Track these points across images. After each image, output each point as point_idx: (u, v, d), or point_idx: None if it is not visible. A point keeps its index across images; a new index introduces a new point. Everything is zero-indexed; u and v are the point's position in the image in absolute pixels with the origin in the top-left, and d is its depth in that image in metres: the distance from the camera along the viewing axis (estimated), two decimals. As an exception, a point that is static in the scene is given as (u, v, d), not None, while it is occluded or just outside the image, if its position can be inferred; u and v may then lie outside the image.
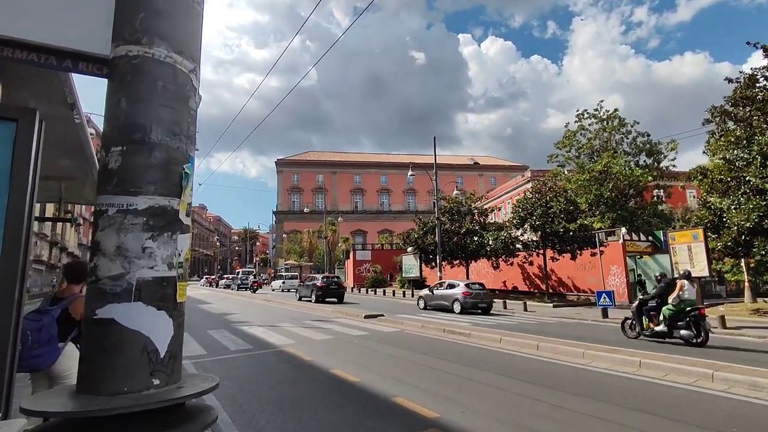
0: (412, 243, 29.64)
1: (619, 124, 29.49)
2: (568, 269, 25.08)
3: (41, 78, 3.79)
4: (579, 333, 11.82)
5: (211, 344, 10.33)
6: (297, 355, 8.76)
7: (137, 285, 1.40)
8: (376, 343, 10.20)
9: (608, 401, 5.55)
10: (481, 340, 10.29)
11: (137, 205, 1.44)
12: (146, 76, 1.52)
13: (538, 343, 9.18)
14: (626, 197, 28.82)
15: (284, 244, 69.56)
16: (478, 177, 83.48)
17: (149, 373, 1.37)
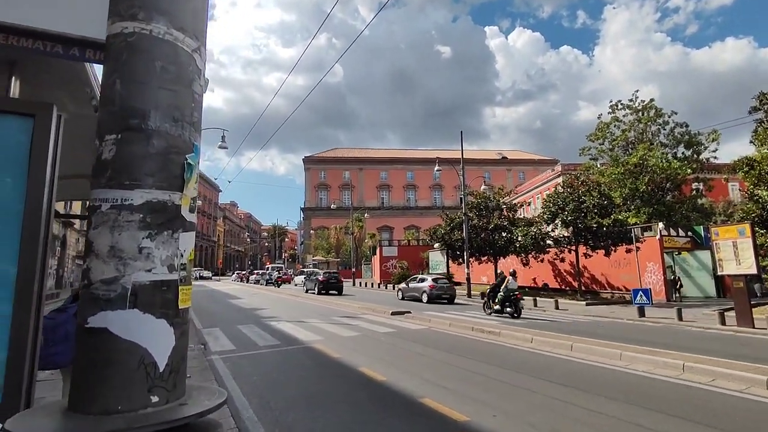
0: (439, 239, 29.26)
1: (656, 115, 28.20)
2: (601, 266, 24.18)
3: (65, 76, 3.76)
4: (614, 333, 11.29)
5: (240, 339, 10.39)
6: (324, 351, 8.69)
7: (133, 290, 1.24)
8: (404, 341, 10.02)
9: (649, 407, 5.18)
10: (512, 340, 9.96)
11: (133, 200, 1.28)
12: (143, 55, 1.35)
13: (572, 343, 8.78)
14: (663, 191, 27.58)
15: (312, 240, 70.26)
16: (507, 172, 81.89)
17: (147, 389, 1.22)
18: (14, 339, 2.35)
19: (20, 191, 2.44)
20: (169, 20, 1.39)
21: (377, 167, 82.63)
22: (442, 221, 30.20)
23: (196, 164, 1.41)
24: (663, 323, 13.13)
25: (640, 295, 15.45)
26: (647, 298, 15.35)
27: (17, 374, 2.33)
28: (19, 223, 2.40)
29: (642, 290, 15.76)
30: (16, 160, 2.47)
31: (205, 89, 1.49)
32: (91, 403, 1.20)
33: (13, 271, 2.39)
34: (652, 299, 16.09)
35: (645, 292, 15.58)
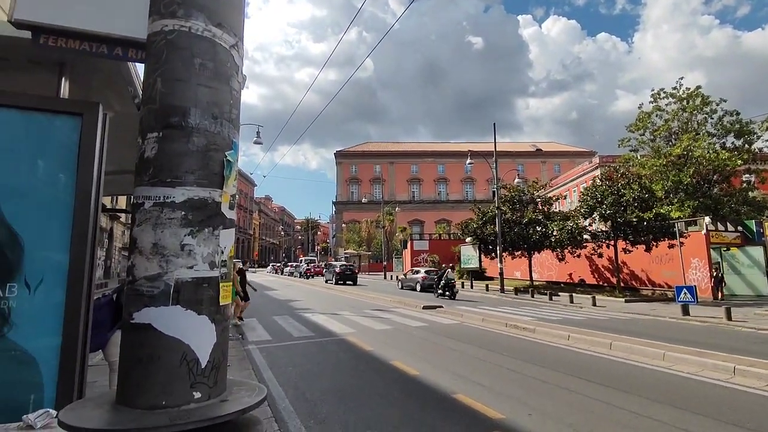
0: (471, 233, 28.84)
1: (702, 103, 26.59)
2: (641, 262, 23.20)
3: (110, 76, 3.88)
4: (655, 332, 10.82)
5: (276, 330, 10.62)
6: (357, 344, 8.75)
7: (176, 287, 1.25)
8: (436, 336, 9.97)
9: (696, 411, 4.92)
10: (547, 336, 9.72)
11: (174, 197, 1.29)
12: (183, 52, 1.35)
13: (611, 341, 8.47)
14: (710, 183, 26.11)
15: (343, 233, 70.89)
16: (541, 164, 79.78)
17: (189, 385, 1.23)
18: (67, 326, 2.47)
19: (71, 186, 2.55)
20: (207, 16, 1.38)
21: (408, 161, 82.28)
22: (474, 215, 29.75)
23: (235, 161, 1.41)
24: (709, 322, 12.48)
25: (684, 293, 14.71)
26: (692, 296, 14.60)
27: (71, 359, 2.45)
28: (70, 217, 2.51)
29: (686, 287, 15.00)
30: (67, 157, 2.58)
31: (243, 86, 1.49)
32: (137, 397, 1.22)
33: (66, 260, 2.51)
34: (698, 297, 15.29)
35: (690, 290, 14.83)
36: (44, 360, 2.38)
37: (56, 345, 2.39)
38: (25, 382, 2.31)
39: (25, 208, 2.42)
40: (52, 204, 2.51)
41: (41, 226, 2.45)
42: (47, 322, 2.40)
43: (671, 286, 18.60)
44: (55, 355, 2.38)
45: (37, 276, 2.42)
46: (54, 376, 2.35)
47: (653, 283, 23.18)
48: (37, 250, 2.43)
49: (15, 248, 2.38)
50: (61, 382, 2.32)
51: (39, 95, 2.51)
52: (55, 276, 2.46)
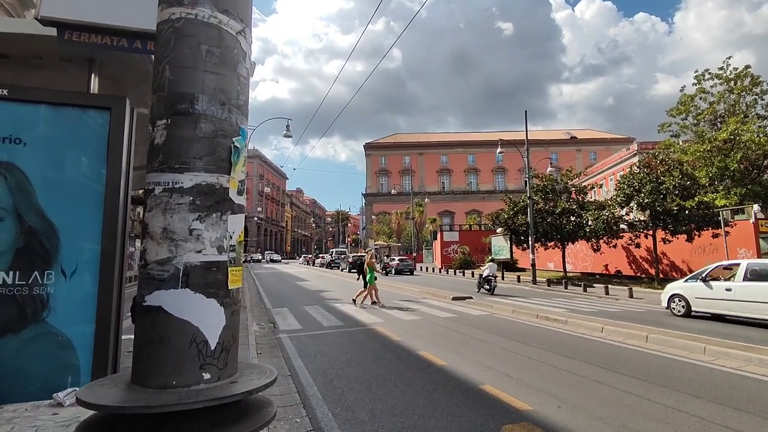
0: (502, 224, 28.34)
1: (752, 84, 24.95)
2: (682, 252, 22.16)
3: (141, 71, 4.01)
4: (695, 325, 10.35)
5: (306, 320, 10.83)
6: (385, 334, 8.81)
7: (185, 270, 1.28)
8: (465, 327, 9.89)
9: (739, 408, 4.68)
10: (579, 328, 9.47)
11: (183, 182, 1.31)
12: (190, 39, 1.36)
13: (647, 334, 8.15)
14: (759, 169, 24.55)
15: (373, 225, 71.21)
16: (576, 152, 77.32)
17: (199, 366, 1.26)
18: (100, 313, 2.59)
19: (102, 178, 2.66)
20: (213, 3, 1.39)
21: (437, 152, 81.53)
22: (505, 205, 29.21)
23: (243, 147, 1.42)
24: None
25: (729, 285, 13.94)
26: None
27: (104, 345, 2.57)
28: (102, 208, 2.63)
29: (731, 279, 14.21)
30: (98, 151, 2.69)
31: (251, 72, 1.50)
32: (149, 377, 1.26)
33: (98, 250, 2.63)
34: (744, 289, 14.45)
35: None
36: (80, 344, 2.50)
37: (91, 331, 2.51)
38: (64, 363, 2.45)
39: (59, 199, 2.54)
40: (84, 196, 2.63)
41: (75, 216, 2.57)
42: (82, 308, 2.52)
43: (715, 278, 17.68)
44: (90, 340, 2.51)
45: (72, 265, 2.54)
46: (89, 359, 2.48)
47: (695, 274, 22.13)
48: (72, 240, 2.55)
49: (52, 237, 2.51)
50: (95, 365, 2.44)
51: (69, 91, 2.63)
52: (88, 265, 2.58)
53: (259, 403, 1.35)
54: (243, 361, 1.44)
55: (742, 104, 25.47)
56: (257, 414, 1.29)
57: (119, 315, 2.73)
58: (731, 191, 23.45)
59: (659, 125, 27.93)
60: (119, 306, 2.71)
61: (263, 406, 1.35)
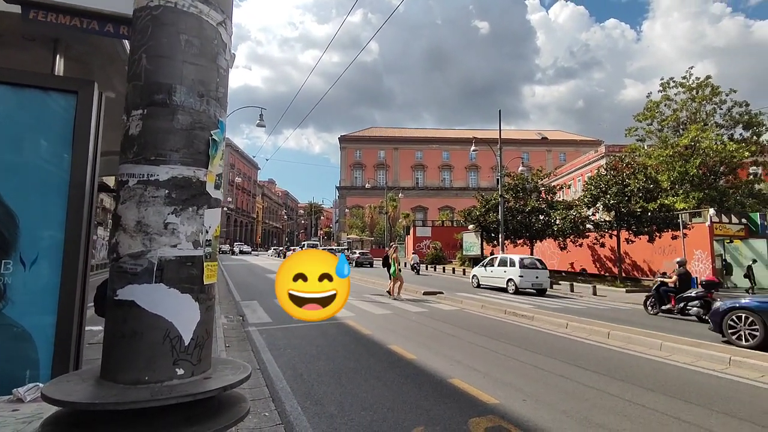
0: (474, 220, 28.85)
1: (712, 93, 26.22)
2: (644, 252, 23.19)
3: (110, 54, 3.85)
4: (655, 322, 10.86)
5: (276, 312, 10.69)
6: (356, 328, 8.82)
7: (159, 264, 1.25)
8: (435, 321, 10.03)
9: (690, 400, 4.96)
10: (545, 324, 9.77)
11: (158, 175, 1.28)
12: (168, 28, 1.33)
13: (609, 330, 8.50)
14: (716, 175, 25.89)
15: (347, 218, 71.00)
16: (546, 153, 79.24)
17: (172, 362, 1.24)
18: (62, 304, 2.49)
19: (67, 165, 2.55)
20: (193, -9, 1.36)
21: (413, 147, 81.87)
22: (477, 202, 29.71)
23: (222, 140, 1.40)
24: (709, 314, 12.49)
25: (685, 284, 14.69)
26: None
27: (66, 337, 2.48)
28: (66, 195, 2.52)
29: (687, 279, 14.96)
30: (63, 136, 2.58)
31: (231, 64, 1.47)
32: (120, 372, 1.24)
33: (61, 239, 2.52)
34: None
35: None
36: (40, 337, 2.41)
37: (51, 322, 2.42)
38: (21, 357, 2.35)
39: (20, 185, 2.43)
40: (47, 182, 2.51)
41: (36, 203, 2.46)
42: (43, 299, 2.42)
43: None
44: (50, 333, 2.41)
45: (32, 254, 2.43)
46: (50, 352, 2.38)
47: (655, 273, 23.17)
48: (33, 227, 2.44)
49: (10, 225, 2.39)
50: (56, 358, 2.35)
51: (32, 72, 2.50)
52: (50, 254, 2.47)
53: (232, 399, 1.35)
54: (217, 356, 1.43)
55: (703, 113, 26.73)
56: (231, 410, 1.29)
57: (83, 306, 2.64)
58: (690, 195, 24.63)
59: (626, 129, 29.00)
60: (83, 296, 2.62)
61: (237, 401, 1.35)
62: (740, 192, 25.79)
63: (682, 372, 6.24)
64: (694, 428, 4.19)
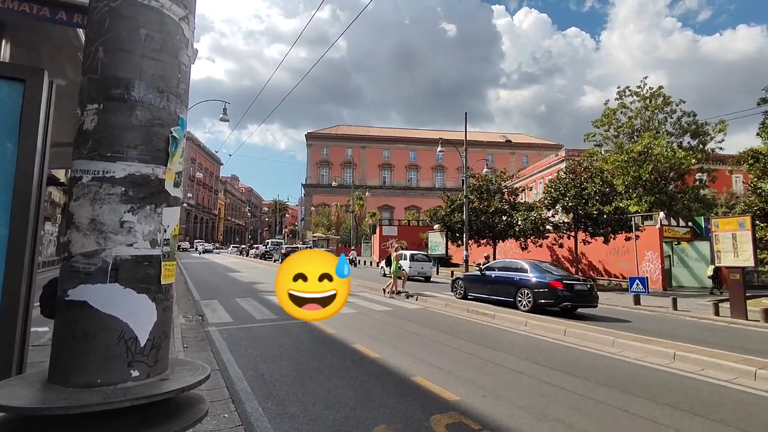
0: (439, 220, 29.30)
1: (663, 103, 27.81)
2: (599, 253, 24.26)
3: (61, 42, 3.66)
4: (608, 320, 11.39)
5: (238, 312, 10.51)
6: (320, 327, 8.77)
7: (114, 264, 1.22)
8: (399, 320, 10.13)
9: (639, 394, 5.25)
10: (506, 323, 10.06)
11: (115, 172, 1.25)
12: (127, 21, 1.29)
13: (566, 328, 8.86)
14: (666, 180, 27.45)
15: (312, 216, 70.40)
16: (510, 155, 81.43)
17: (127, 363, 1.21)
18: (5, 304, 2.35)
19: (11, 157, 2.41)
20: (155, -15, 1.32)
21: (380, 146, 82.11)
22: (443, 203, 30.16)
23: (182, 138, 1.37)
24: (658, 312, 13.23)
25: (637, 283, 15.50)
26: (643, 287, 15.40)
27: (9, 339, 2.34)
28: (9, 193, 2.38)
29: (639, 278, 15.79)
30: (7, 126, 2.43)
31: (193, 60, 1.44)
32: (70, 375, 1.19)
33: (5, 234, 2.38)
34: (649, 288, 16.16)
35: (641, 281, 15.63)
36: (-19, 338, 2.26)
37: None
38: (-40, 360, 2.20)
39: (-42, 178, 2.27)
40: (-10, 175, 2.36)
41: (-22, 197, 2.31)
42: (-16, 298, 2.28)
43: (626, 277, 19.50)
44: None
45: (-27, 250, 2.28)
46: (-9, 354, 2.24)
47: (609, 273, 24.31)
48: (-26, 222, 2.29)
49: (-51, 220, 2.24)
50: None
51: (-25, 58, 2.34)
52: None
53: (190, 400, 1.33)
54: (174, 357, 1.40)
55: (655, 121, 28.27)
56: (189, 411, 1.27)
57: (28, 306, 2.50)
58: (642, 199, 25.99)
59: (585, 135, 30.25)
60: (28, 296, 2.48)
61: (195, 402, 1.33)
62: (687, 197, 27.47)
63: (632, 367, 6.59)
64: (643, 421, 4.44)
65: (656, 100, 27.94)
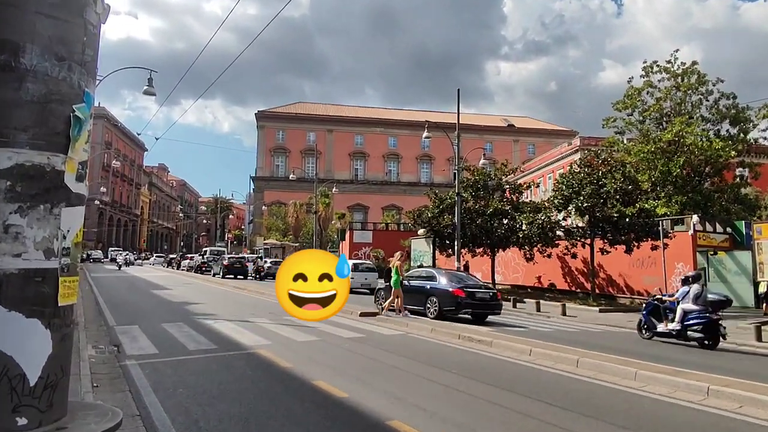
0: (425, 224, 29.48)
1: (698, 82, 28.74)
2: (620, 265, 24.89)
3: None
4: (629, 346, 11.72)
5: (165, 341, 10.35)
6: (273, 359, 8.75)
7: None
8: (373, 349, 10.17)
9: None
10: (506, 351, 10.22)
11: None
12: (15, -33, 1.27)
13: (579, 357, 9.07)
14: (701, 176, 28.26)
15: (264, 218, 69.83)
16: (513, 143, 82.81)
17: (12, 408, 1.18)
18: None
19: None
20: None
21: (351, 129, 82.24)
22: (429, 202, 30.37)
23: (88, 118, 1.34)
24: (689, 337, 13.67)
25: (664, 303, 15.92)
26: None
27: None
28: None
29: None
30: None
31: (104, 19, 1.41)
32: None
33: None
34: (679, 307, 16.61)
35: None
36: None
37: None
38: None
39: None
40: None
41: None
42: None
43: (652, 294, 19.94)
44: None
45: None
46: None
47: (632, 290, 24.94)
48: None
49: None
50: None
51: None
52: None
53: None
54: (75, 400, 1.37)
55: (688, 104, 29.18)
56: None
57: None
58: (672, 199, 26.77)
59: (604, 119, 31.02)
60: None
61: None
62: (726, 197, 28.39)
63: (658, 406, 6.80)
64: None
65: (689, 79, 28.84)
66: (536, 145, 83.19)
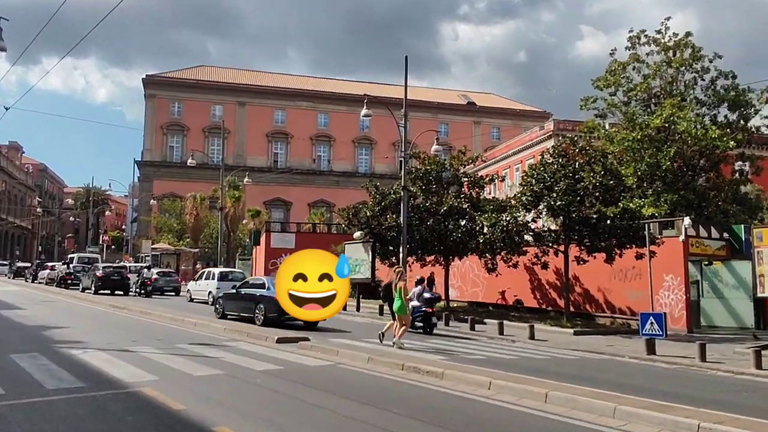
0: (362, 225, 29.43)
1: (692, 57, 29.88)
2: (600, 277, 25.54)
3: None
4: (609, 377, 12.17)
5: (15, 378, 9.92)
6: (160, 400, 8.51)
7: None
8: (293, 385, 10.09)
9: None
10: (460, 384, 10.39)
11: None
12: None
13: (547, 391, 9.34)
14: (694, 170, 29.42)
15: (153, 215, 68.04)
16: (473, 125, 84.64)
17: None
18: None
19: None
20: None
21: (269, 102, 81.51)
22: (368, 197, 30.37)
23: None
24: (679, 364, 14.37)
25: (651, 323, 16.37)
26: (660, 327, 16.30)
27: None
28: None
29: (653, 315, 16.72)
30: None
31: None
32: None
33: None
34: (667, 329, 17.13)
35: (657, 319, 16.49)
36: None
37: None
38: None
39: None
40: None
41: None
42: None
43: (636, 313, 20.47)
44: None
45: None
46: None
47: (613, 307, 25.73)
48: None
49: None
50: None
51: None
52: None
53: None
54: None
55: (681, 83, 30.47)
56: None
57: None
58: (661, 197, 27.73)
59: (582, 99, 31.87)
60: None
61: None
62: (723, 195, 29.61)
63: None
64: None
65: (682, 53, 30.00)
66: (501, 128, 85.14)
